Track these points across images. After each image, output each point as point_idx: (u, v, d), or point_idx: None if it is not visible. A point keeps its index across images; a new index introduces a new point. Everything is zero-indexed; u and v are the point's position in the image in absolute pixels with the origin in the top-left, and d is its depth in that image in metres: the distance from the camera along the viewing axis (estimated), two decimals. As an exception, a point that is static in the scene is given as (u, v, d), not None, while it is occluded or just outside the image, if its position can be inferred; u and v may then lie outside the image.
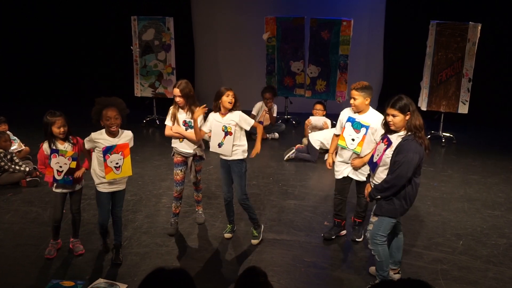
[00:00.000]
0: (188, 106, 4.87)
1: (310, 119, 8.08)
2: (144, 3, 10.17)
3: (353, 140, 4.68)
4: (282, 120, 9.59)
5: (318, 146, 7.53)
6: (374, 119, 4.61)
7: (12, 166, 6.35)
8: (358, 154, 4.69)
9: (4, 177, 6.29)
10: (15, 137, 7.02)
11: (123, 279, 4.26)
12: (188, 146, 4.94)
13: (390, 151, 3.91)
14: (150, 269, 2.14)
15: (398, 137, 3.92)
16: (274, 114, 8.88)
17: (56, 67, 11.07)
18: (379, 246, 3.99)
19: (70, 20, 10.69)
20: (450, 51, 8.19)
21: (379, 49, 10.06)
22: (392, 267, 4.27)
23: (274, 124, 8.90)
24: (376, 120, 4.58)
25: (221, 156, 4.79)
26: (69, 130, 4.44)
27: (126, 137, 4.41)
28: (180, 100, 4.83)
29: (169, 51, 9.23)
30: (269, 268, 4.39)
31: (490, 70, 9.19)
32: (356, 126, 4.67)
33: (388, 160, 3.91)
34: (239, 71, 10.62)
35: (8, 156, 6.44)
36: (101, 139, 4.31)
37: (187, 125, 4.90)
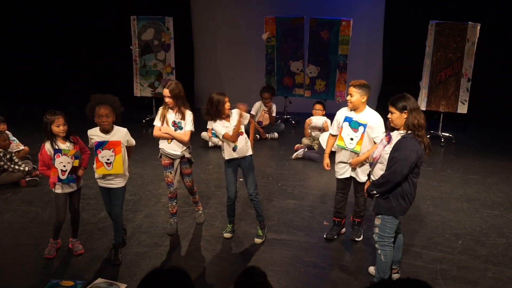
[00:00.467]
0: (178, 107, 4.84)
1: (310, 119, 8.09)
2: (144, 3, 10.17)
3: (351, 139, 4.69)
4: (281, 120, 9.59)
5: None
6: (371, 117, 4.64)
7: (12, 166, 6.35)
8: (357, 153, 4.71)
9: (4, 176, 6.29)
10: (14, 137, 7.01)
11: (122, 279, 4.26)
12: (176, 147, 4.90)
13: (389, 148, 3.94)
14: (150, 268, 2.14)
15: (399, 134, 3.94)
16: (273, 114, 8.88)
17: (56, 67, 11.08)
18: (387, 247, 4.02)
19: (70, 20, 10.70)
20: (449, 51, 8.20)
21: (378, 49, 10.07)
22: (392, 267, 4.27)
23: (273, 124, 8.90)
24: (373, 118, 4.62)
25: (230, 157, 4.82)
26: (69, 129, 4.46)
27: (120, 134, 4.43)
28: (169, 100, 4.79)
29: (168, 51, 9.23)
30: (268, 268, 4.40)
31: (489, 70, 9.20)
32: (354, 125, 4.67)
33: (386, 156, 3.93)
34: (238, 71, 10.63)
35: (8, 156, 6.44)
36: (94, 136, 4.39)
37: (176, 125, 4.87)
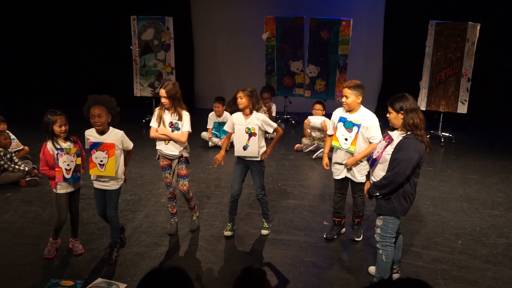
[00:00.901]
0: (174, 107, 4.81)
1: (309, 118, 8.09)
2: (144, 3, 10.17)
3: (346, 139, 4.70)
4: (281, 120, 9.59)
5: None
6: (365, 117, 4.66)
7: (12, 165, 6.35)
8: (352, 154, 4.71)
9: (4, 176, 6.29)
10: (14, 136, 7.00)
11: (122, 279, 4.26)
12: (174, 148, 4.87)
13: (390, 148, 3.92)
14: (150, 268, 2.14)
15: (399, 135, 3.93)
16: (273, 114, 8.88)
17: (56, 66, 11.07)
18: (388, 247, 4.02)
19: (70, 19, 10.69)
20: (449, 51, 8.20)
21: (378, 49, 10.07)
22: (392, 267, 4.27)
23: (273, 124, 8.90)
24: (367, 118, 4.63)
25: (237, 154, 4.84)
26: (69, 129, 4.46)
27: (115, 136, 4.42)
28: (166, 101, 4.75)
29: (168, 51, 9.23)
30: (268, 268, 4.39)
31: (489, 70, 9.20)
32: (348, 126, 4.69)
33: (388, 157, 3.91)
34: (238, 71, 10.62)
35: (8, 156, 6.44)
36: (90, 136, 4.41)
37: (173, 126, 4.84)
